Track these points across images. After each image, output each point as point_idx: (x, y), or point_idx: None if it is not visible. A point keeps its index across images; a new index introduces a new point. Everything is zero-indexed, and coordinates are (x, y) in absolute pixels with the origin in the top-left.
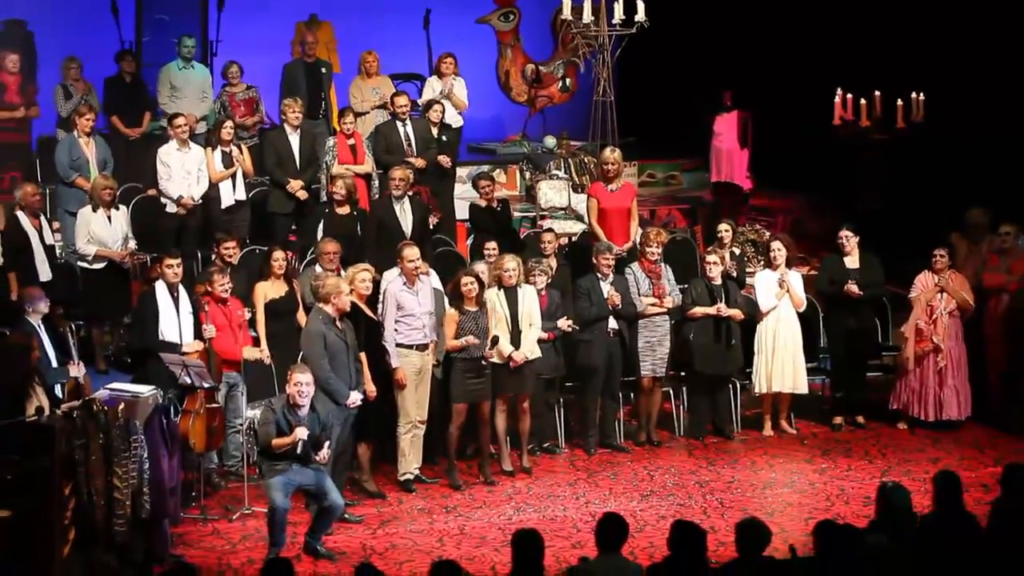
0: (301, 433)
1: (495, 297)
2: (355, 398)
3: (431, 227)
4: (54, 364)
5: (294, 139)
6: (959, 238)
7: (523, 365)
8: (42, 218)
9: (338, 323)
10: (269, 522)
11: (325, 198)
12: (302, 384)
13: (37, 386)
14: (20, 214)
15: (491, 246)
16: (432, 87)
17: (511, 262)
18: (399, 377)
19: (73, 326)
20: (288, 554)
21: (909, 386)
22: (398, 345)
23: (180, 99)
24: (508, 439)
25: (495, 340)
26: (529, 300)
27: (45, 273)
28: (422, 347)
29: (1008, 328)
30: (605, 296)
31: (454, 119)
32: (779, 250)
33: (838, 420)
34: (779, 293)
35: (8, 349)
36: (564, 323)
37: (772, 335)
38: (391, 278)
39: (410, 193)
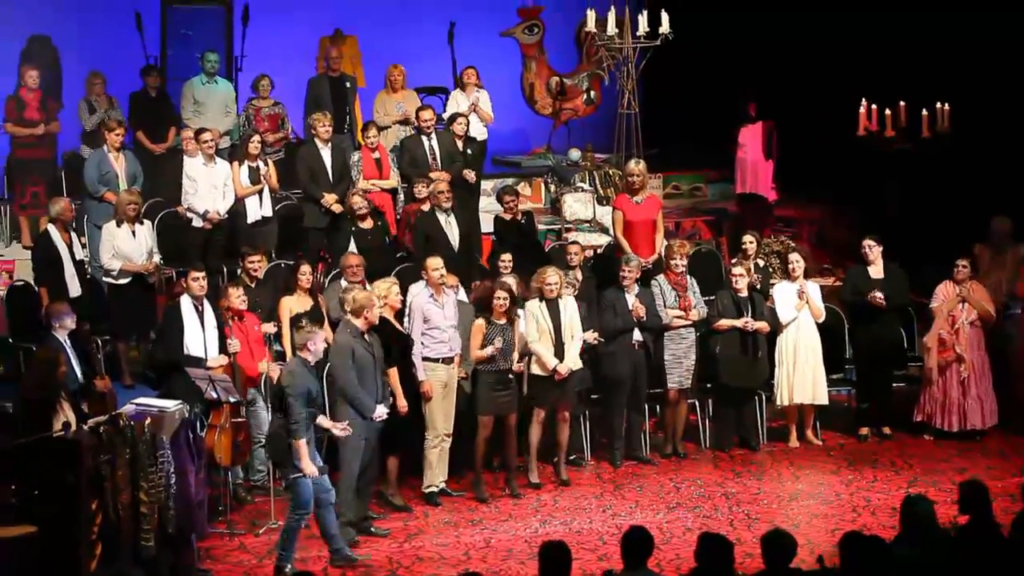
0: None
1: (537, 310)
2: (381, 412)
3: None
4: (80, 379)
5: (326, 153)
6: (982, 248)
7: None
8: (72, 233)
9: (366, 336)
10: (294, 528)
11: (349, 213)
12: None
13: (64, 401)
14: (51, 228)
15: (506, 258)
16: (457, 100)
17: (553, 275)
18: (426, 390)
19: (100, 341)
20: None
21: (933, 397)
22: (424, 359)
23: (203, 114)
24: (537, 452)
25: (523, 351)
26: (571, 311)
27: (75, 288)
28: (448, 360)
29: None
30: (630, 308)
31: (479, 132)
32: (797, 261)
33: (864, 431)
34: (798, 305)
35: (36, 365)
36: (590, 335)
37: (792, 347)
38: (416, 291)
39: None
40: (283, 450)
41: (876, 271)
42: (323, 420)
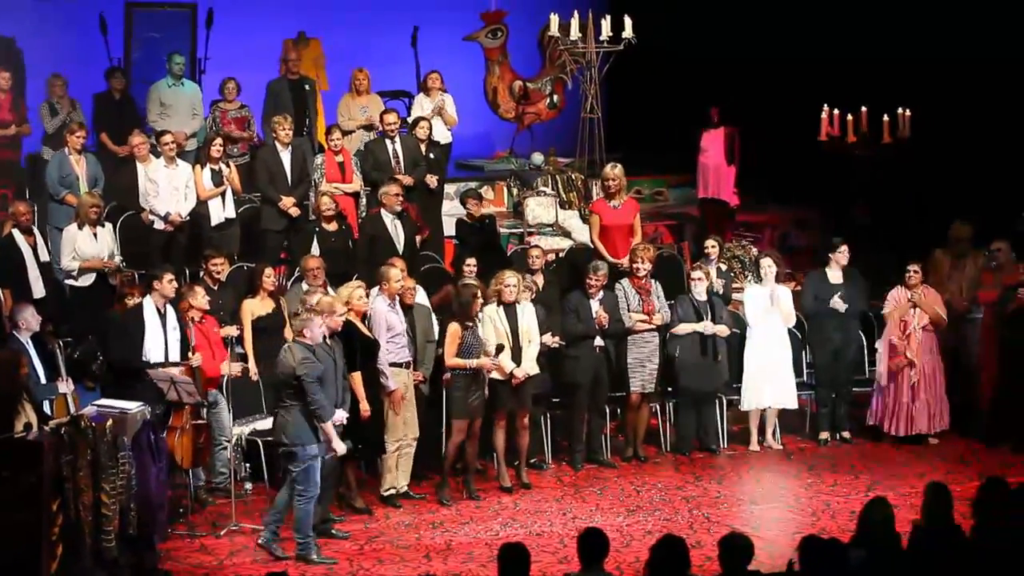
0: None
1: (494, 313)
2: (340, 416)
3: (418, 244)
4: (43, 380)
5: (285, 156)
6: (942, 253)
7: (522, 381)
8: (37, 235)
9: (327, 341)
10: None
11: (313, 215)
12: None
13: (26, 403)
14: (14, 231)
15: (471, 262)
16: (421, 104)
17: (511, 278)
18: (397, 398)
19: (62, 343)
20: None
21: (884, 402)
22: (390, 364)
23: (170, 116)
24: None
25: (500, 348)
26: (528, 316)
27: (39, 290)
28: (408, 364)
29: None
30: (594, 315)
31: (443, 136)
32: (769, 266)
33: (824, 435)
34: (768, 308)
35: None
36: (548, 338)
37: (762, 351)
38: (374, 297)
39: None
40: (292, 432)
41: (836, 276)
42: (329, 427)
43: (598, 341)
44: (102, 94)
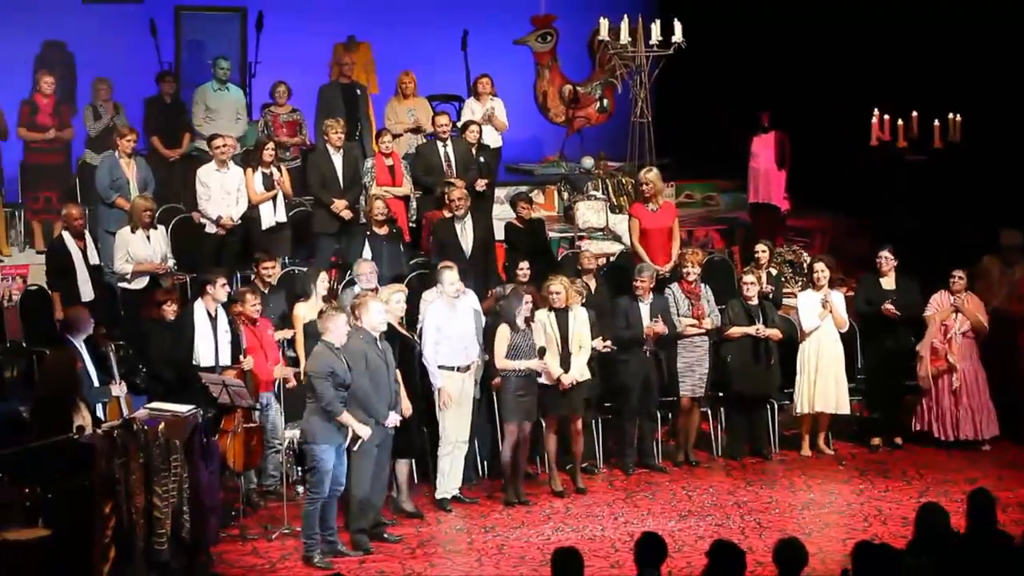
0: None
1: (545, 319)
2: (393, 420)
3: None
4: (96, 384)
5: (337, 159)
6: (991, 260)
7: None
8: (87, 238)
9: (378, 342)
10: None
11: (364, 219)
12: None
13: (80, 404)
14: (65, 234)
15: (524, 266)
16: (472, 109)
17: (557, 286)
18: (444, 398)
19: (114, 346)
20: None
21: (927, 405)
22: (439, 367)
23: (215, 120)
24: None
25: (543, 351)
26: (579, 321)
27: (88, 293)
28: (463, 368)
29: None
30: (643, 318)
31: (493, 140)
32: (822, 271)
33: (876, 441)
34: (822, 314)
35: (52, 366)
36: (599, 343)
37: (815, 356)
38: (430, 298)
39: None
40: (308, 430)
41: (888, 282)
42: (346, 417)
43: (648, 344)
44: (153, 98)
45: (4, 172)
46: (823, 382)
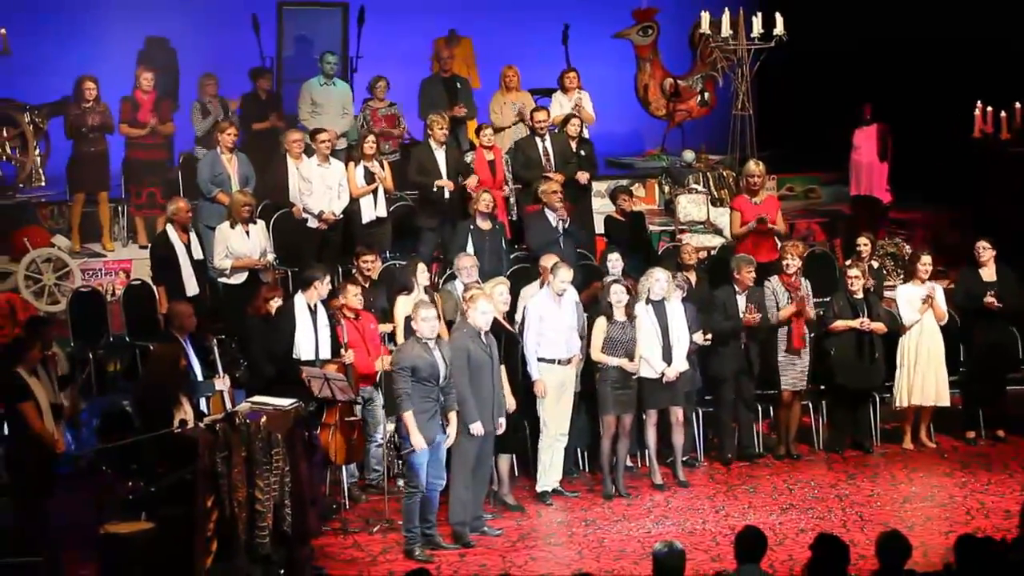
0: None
1: (643, 311)
2: (478, 429)
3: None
4: (200, 378)
5: (439, 154)
6: None
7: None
8: (191, 233)
9: (483, 337)
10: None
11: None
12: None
13: (183, 398)
14: (169, 228)
15: (613, 258)
16: (559, 102)
17: (661, 273)
18: (539, 389)
19: (217, 340)
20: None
21: None
22: (540, 359)
23: (321, 115)
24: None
25: (631, 354)
26: (679, 314)
27: (192, 287)
28: (564, 361)
29: None
30: (740, 310)
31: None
32: (926, 264)
33: (971, 434)
34: (922, 307)
35: (156, 360)
36: (699, 337)
37: (915, 348)
38: (532, 292)
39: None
40: (399, 425)
41: (988, 273)
42: (408, 417)
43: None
44: (248, 94)
45: (109, 167)
46: (923, 375)
